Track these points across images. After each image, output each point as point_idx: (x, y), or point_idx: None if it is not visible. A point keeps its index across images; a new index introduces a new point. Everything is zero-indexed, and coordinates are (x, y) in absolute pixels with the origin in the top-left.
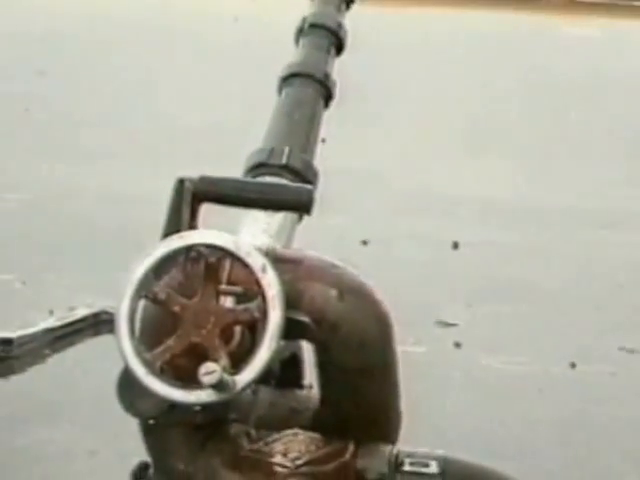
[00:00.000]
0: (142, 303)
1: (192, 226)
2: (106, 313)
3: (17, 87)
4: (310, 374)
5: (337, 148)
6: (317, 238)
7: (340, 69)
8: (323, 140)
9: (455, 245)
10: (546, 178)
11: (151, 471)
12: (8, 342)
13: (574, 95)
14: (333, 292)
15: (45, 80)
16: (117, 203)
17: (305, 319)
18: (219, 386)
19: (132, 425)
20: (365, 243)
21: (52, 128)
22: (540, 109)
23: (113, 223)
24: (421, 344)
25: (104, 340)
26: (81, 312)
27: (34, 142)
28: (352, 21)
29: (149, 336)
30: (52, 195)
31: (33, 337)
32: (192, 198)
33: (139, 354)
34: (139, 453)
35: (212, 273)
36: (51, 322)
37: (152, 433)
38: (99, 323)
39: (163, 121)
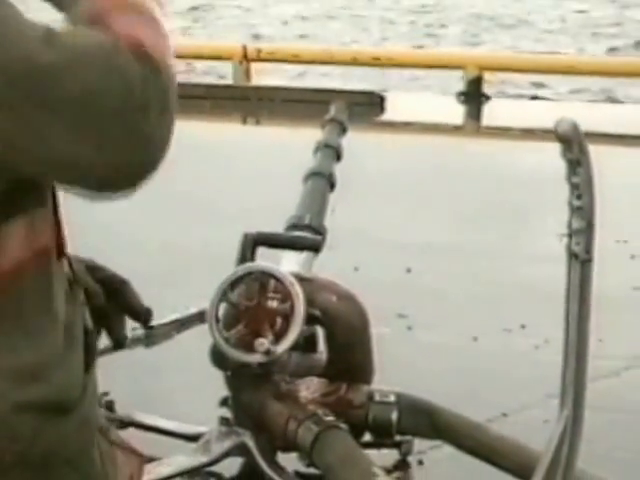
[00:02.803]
0: (223, 305)
1: (252, 260)
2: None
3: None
4: (321, 345)
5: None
6: (327, 266)
7: None
8: (333, 210)
9: (408, 270)
10: (459, 230)
11: (229, 401)
12: (151, 327)
13: (478, 184)
14: (334, 297)
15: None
16: (211, 246)
17: (317, 313)
18: (267, 352)
19: (219, 374)
20: (356, 269)
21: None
22: (455, 191)
23: (210, 258)
24: (387, 327)
25: (205, 327)
26: (193, 310)
27: (166, 216)
28: None
29: (227, 324)
30: (177, 243)
31: (166, 324)
32: (252, 244)
33: (221, 334)
34: (224, 390)
35: (263, 287)
36: (175, 315)
37: (230, 379)
38: (203, 317)
39: (252, 205)
